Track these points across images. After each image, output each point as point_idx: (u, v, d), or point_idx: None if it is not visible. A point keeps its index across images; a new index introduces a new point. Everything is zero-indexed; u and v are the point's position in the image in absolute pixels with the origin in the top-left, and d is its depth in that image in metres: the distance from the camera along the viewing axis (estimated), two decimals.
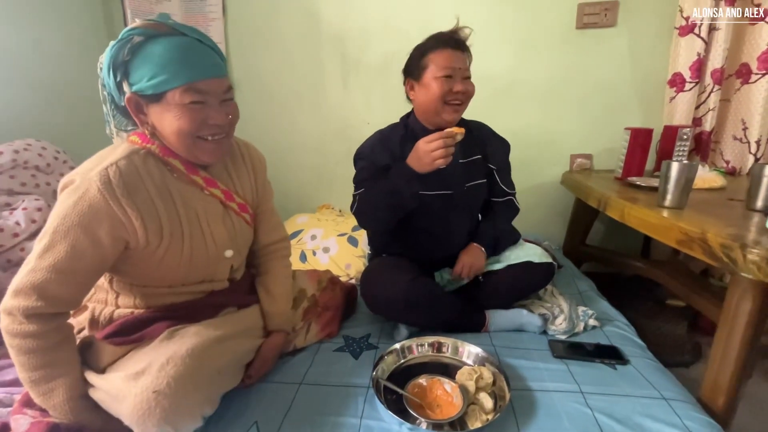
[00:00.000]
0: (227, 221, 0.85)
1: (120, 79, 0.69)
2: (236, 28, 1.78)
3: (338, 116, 1.85)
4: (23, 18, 1.43)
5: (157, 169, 0.74)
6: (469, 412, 0.78)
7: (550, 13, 1.63)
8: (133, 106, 0.71)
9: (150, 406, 0.60)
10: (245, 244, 0.92)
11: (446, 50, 1.03)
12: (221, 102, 0.73)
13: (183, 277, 0.80)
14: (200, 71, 0.69)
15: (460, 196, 1.13)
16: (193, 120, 0.69)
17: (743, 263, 0.73)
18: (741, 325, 0.83)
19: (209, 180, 0.81)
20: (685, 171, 1.00)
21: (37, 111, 1.45)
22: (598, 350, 1.00)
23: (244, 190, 0.89)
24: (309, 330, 1.02)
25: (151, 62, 0.67)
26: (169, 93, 0.68)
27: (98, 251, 0.67)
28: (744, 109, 1.50)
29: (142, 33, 0.67)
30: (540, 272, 1.12)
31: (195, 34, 0.71)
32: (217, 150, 0.76)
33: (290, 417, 0.78)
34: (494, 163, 1.18)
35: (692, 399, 0.84)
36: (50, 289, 0.64)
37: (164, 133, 0.72)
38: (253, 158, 0.93)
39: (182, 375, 0.64)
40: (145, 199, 0.70)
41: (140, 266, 0.75)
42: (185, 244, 0.76)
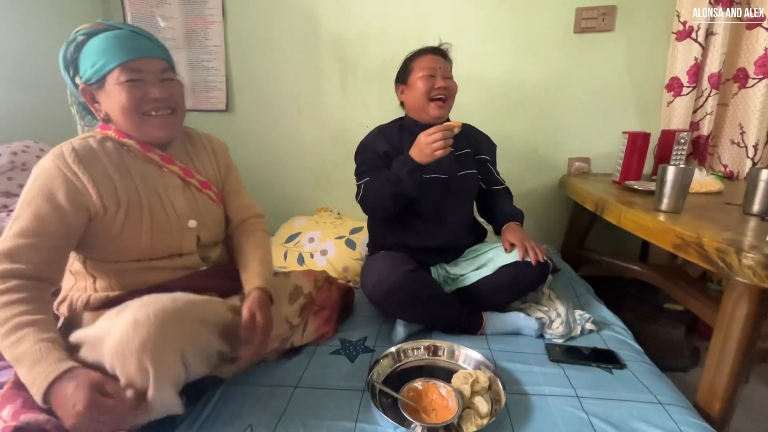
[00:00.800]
0: (188, 194, 0.89)
1: (73, 74, 0.80)
2: (235, 31, 1.79)
3: (336, 119, 1.85)
4: (23, 19, 1.43)
5: (114, 149, 0.81)
6: (464, 416, 0.77)
7: (547, 17, 1.63)
8: (87, 97, 0.80)
9: (129, 335, 0.60)
10: (213, 220, 0.93)
11: (427, 55, 1.19)
12: (160, 80, 0.81)
13: (148, 248, 0.81)
14: (134, 52, 0.78)
15: (454, 181, 1.22)
16: (132, 96, 0.77)
17: (739, 268, 0.73)
18: (737, 330, 0.82)
19: (166, 157, 0.86)
20: (682, 175, 1.00)
21: (36, 113, 1.46)
22: (595, 354, 1.00)
23: (206, 170, 0.95)
24: (306, 328, 1.02)
25: (91, 53, 0.77)
26: (109, 76, 0.77)
27: (61, 217, 0.72)
28: (741, 114, 1.51)
29: (84, 33, 0.79)
30: (533, 270, 1.10)
31: (130, 28, 0.81)
32: (165, 125, 0.82)
33: (285, 420, 0.78)
34: (486, 154, 1.31)
35: (688, 404, 0.84)
36: (20, 253, 0.68)
37: (114, 116, 0.80)
38: (213, 143, 1.00)
39: (163, 309, 0.64)
40: (99, 170, 0.77)
41: (104, 237, 0.78)
42: (144, 212, 0.80)
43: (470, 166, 1.27)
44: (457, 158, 1.23)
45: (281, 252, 1.55)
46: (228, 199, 0.99)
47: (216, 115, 1.88)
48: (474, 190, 1.29)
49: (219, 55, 1.80)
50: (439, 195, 1.20)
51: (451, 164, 1.21)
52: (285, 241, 1.60)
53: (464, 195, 1.27)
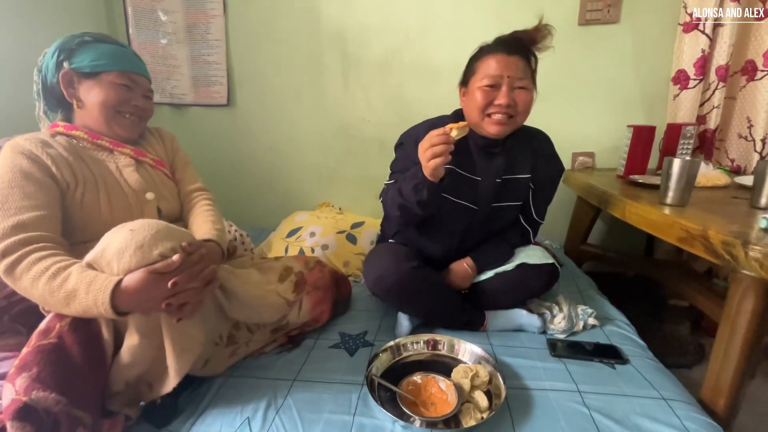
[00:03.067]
0: (141, 171, 0.93)
1: (62, 58, 0.85)
2: (237, 25, 1.78)
3: (338, 114, 1.84)
4: (25, 19, 1.43)
5: (65, 140, 0.86)
6: (464, 410, 0.76)
7: (551, 10, 1.60)
8: (65, 80, 0.86)
9: (127, 240, 0.66)
10: (170, 194, 0.98)
11: (495, 56, 0.94)
12: (143, 96, 0.93)
13: (109, 222, 0.79)
14: (134, 66, 0.91)
15: (484, 214, 1.07)
16: (119, 96, 0.88)
17: (745, 260, 0.72)
18: (743, 324, 0.81)
19: (115, 142, 0.91)
20: (687, 168, 0.99)
21: (33, 111, 1.46)
22: (598, 349, 0.98)
23: (157, 152, 1.01)
24: (301, 307, 1.02)
25: (96, 52, 0.86)
26: (105, 74, 0.86)
27: (46, 189, 0.77)
28: (749, 107, 1.48)
29: (92, 36, 0.88)
30: (541, 275, 1.08)
31: (132, 51, 0.94)
32: (132, 126, 0.92)
33: (282, 413, 0.77)
34: (535, 183, 1.09)
35: (692, 399, 0.83)
36: (26, 225, 0.72)
37: (89, 103, 0.87)
38: (161, 132, 1.07)
39: (156, 222, 0.70)
40: (53, 152, 0.81)
41: (68, 215, 0.81)
42: (100, 190, 0.84)
43: (515, 197, 1.07)
44: (503, 186, 1.04)
45: (282, 246, 1.55)
46: (177, 176, 1.04)
47: (217, 110, 1.88)
48: (506, 221, 1.11)
49: (220, 49, 1.80)
50: (462, 222, 1.06)
51: (488, 192, 1.03)
52: (286, 235, 1.60)
53: (493, 226, 1.10)
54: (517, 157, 1.06)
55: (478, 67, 0.97)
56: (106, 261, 0.67)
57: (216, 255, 0.84)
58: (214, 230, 0.90)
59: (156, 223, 0.70)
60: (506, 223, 1.13)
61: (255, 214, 1.98)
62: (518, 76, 0.94)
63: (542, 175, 1.10)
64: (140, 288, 0.65)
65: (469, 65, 1.02)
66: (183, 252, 0.70)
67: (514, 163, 1.06)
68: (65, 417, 0.63)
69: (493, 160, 1.05)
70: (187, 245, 0.71)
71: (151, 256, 0.66)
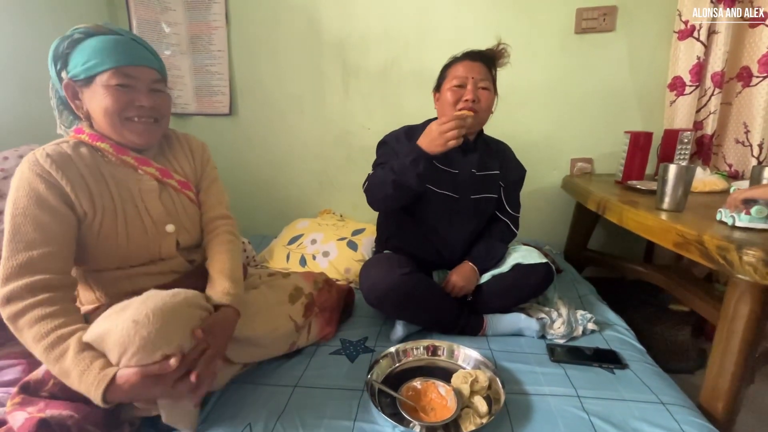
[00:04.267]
0: (165, 197, 0.87)
1: (60, 68, 0.79)
2: (239, 36, 1.81)
3: (339, 122, 1.86)
4: (31, 26, 1.47)
5: (89, 153, 0.79)
6: (463, 416, 0.77)
7: (548, 18, 1.63)
8: (70, 92, 0.79)
9: (130, 335, 0.60)
10: (192, 222, 0.91)
11: (462, 62, 1.10)
12: (150, 90, 0.81)
13: (126, 255, 0.80)
14: (129, 58, 0.78)
15: (465, 204, 1.16)
16: (118, 100, 0.77)
17: (739, 265, 0.73)
18: (739, 328, 0.81)
19: (141, 159, 0.85)
20: (683, 173, 1.00)
21: (43, 117, 1.48)
22: (597, 354, 0.99)
23: (184, 169, 0.93)
24: (310, 330, 1.02)
25: (86, 52, 0.76)
26: (98, 76, 0.76)
27: (60, 219, 0.72)
28: (746, 113, 1.49)
29: (82, 32, 0.78)
30: (536, 274, 1.11)
31: (130, 35, 0.82)
32: (146, 132, 0.82)
33: (284, 419, 0.78)
34: (504, 181, 1.23)
35: (691, 404, 0.83)
36: (37, 264, 0.68)
37: (94, 115, 0.79)
38: (191, 142, 0.99)
39: (161, 308, 0.64)
40: (74, 173, 0.75)
41: (84, 243, 0.77)
42: (119, 219, 0.79)
43: (490, 189, 1.20)
44: (478, 178, 1.17)
45: (284, 254, 1.56)
46: (202, 194, 0.96)
47: (219, 119, 1.90)
48: (487, 214, 1.23)
49: (222, 59, 1.83)
50: (445, 213, 1.16)
51: (467, 183, 1.15)
52: (287, 243, 1.61)
53: (473, 218, 1.20)
54: (487, 156, 1.20)
55: (449, 73, 1.12)
56: (107, 349, 0.63)
57: (230, 322, 0.78)
58: (232, 288, 0.81)
59: (161, 311, 0.63)
60: (486, 215, 1.23)
61: (256, 221, 2.00)
62: (481, 78, 1.08)
63: (511, 176, 1.25)
64: (133, 389, 0.61)
65: (441, 73, 1.17)
66: (196, 336, 0.67)
67: (485, 161, 1.19)
68: (78, 430, 0.65)
69: (467, 155, 1.17)
70: (200, 332, 0.68)
71: (154, 357, 0.62)
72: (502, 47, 1.11)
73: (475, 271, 1.15)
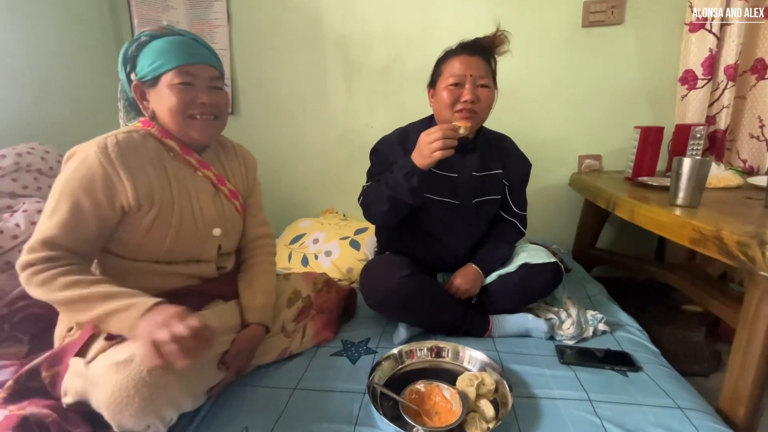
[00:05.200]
0: (217, 202, 0.90)
1: (129, 71, 0.82)
2: (240, 34, 1.80)
3: (341, 121, 1.84)
4: (31, 25, 1.46)
5: (155, 146, 0.82)
6: (469, 420, 0.73)
7: (554, 12, 1.60)
8: (138, 93, 0.82)
9: (129, 394, 0.59)
10: (234, 230, 0.95)
11: (459, 57, 1.01)
12: (209, 87, 0.83)
13: (170, 250, 0.82)
14: (190, 57, 0.81)
15: (466, 209, 1.10)
16: (181, 98, 0.79)
17: (762, 261, 0.68)
18: (761, 329, 0.77)
19: (202, 162, 0.88)
20: (698, 167, 0.96)
21: (41, 116, 1.48)
22: (608, 356, 0.95)
23: (236, 180, 0.96)
24: (304, 335, 0.99)
25: (152, 53, 0.80)
26: (163, 76, 0.79)
27: (98, 212, 0.74)
28: (761, 106, 1.45)
29: (148, 34, 0.82)
30: (544, 274, 1.07)
31: (191, 35, 0.85)
32: (206, 128, 0.84)
33: (281, 423, 0.75)
34: (508, 180, 1.15)
35: (710, 409, 0.79)
36: (59, 243, 0.70)
37: (160, 113, 0.81)
38: (245, 154, 1.02)
39: (156, 373, 0.62)
40: (138, 165, 0.77)
41: (130, 233, 0.78)
42: (174, 214, 0.81)
43: (492, 191, 1.12)
44: (479, 180, 1.09)
45: (286, 253, 1.54)
46: (248, 212, 1.00)
47: None
48: (490, 216, 1.16)
49: (224, 58, 1.81)
50: (447, 219, 1.10)
51: (467, 187, 1.09)
52: (290, 242, 1.59)
53: (476, 223, 1.14)
54: (488, 155, 1.12)
55: (444, 69, 1.03)
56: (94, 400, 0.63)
57: (258, 339, 0.87)
58: (269, 309, 0.92)
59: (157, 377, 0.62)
60: (489, 219, 1.16)
61: None
62: (480, 75, 1.00)
63: (515, 173, 1.17)
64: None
65: (435, 68, 1.07)
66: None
67: (486, 160, 1.11)
68: (57, 430, 0.64)
69: (466, 157, 1.09)
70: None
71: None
72: (501, 33, 1.02)
73: (480, 274, 1.10)
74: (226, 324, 0.85)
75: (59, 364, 0.71)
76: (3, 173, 1.10)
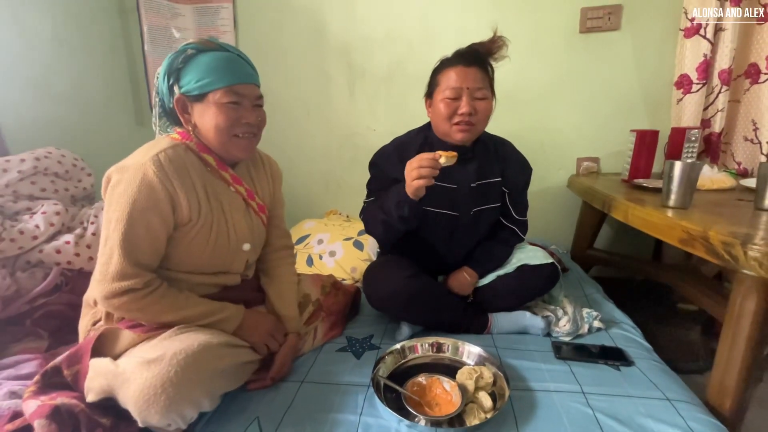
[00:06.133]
0: (247, 217, 0.93)
1: (172, 83, 0.81)
2: (246, 40, 1.85)
3: (344, 124, 1.88)
4: (49, 33, 1.51)
5: (196, 160, 0.84)
6: (468, 411, 0.77)
7: (552, 18, 1.64)
8: (180, 106, 0.82)
9: (156, 392, 0.64)
10: (260, 243, 0.99)
11: (455, 68, 1.00)
12: (253, 106, 0.85)
13: (205, 263, 0.86)
14: (239, 77, 0.81)
15: (465, 220, 1.11)
16: (229, 117, 0.80)
17: (744, 260, 0.72)
18: (746, 324, 0.81)
19: (235, 177, 0.90)
20: (688, 170, 1.00)
21: (57, 122, 1.53)
22: (603, 352, 0.99)
23: (263, 194, 0.99)
24: (315, 336, 1.04)
25: (199, 69, 0.79)
26: (211, 93, 0.79)
27: (166, 228, 0.79)
28: (754, 110, 1.48)
29: (194, 47, 0.81)
30: (542, 275, 1.10)
31: (236, 51, 0.85)
32: (248, 147, 0.87)
33: (291, 413, 0.79)
34: (508, 187, 1.15)
35: (697, 400, 0.82)
36: (147, 264, 0.77)
37: (204, 129, 0.82)
38: (273, 168, 1.05)
39: (191, 366, 0.68)
40: (188, 180, 0.81)
41: (173, 247, 0.82)
42: (213, 230, 0.84)
43: (492, 199, 1.12)
44: (477, 190, 1.09)
45: None
46: (272, 223, 1.04)
47: None
48: (490, 224, 1.16)
49: None
50: (446, 230, 1.11)
51: (466, 198, 1.08)
52: (295, 243, 1.63)
53: (475, 232, 1.14)
54: (487, 162, 1.12)
55: (440, 80, 1.02)
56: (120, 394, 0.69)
57: (296, 348, 0.96)
58: (298, 318, 1.00)
59: (184, 374, 0.67)
60: (489, 226, 1.17)
61: None
62: (477, 87, 0.99)
63: (516, 178, 1.16)
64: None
65: (432, 78, 1.07)
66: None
67: (485, 168, 1.11)
68: (86, 419, 0.68)
69: (465, 166, 1.09)
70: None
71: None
72: (499, 38, 1.00)
73: (472, 277, 1.13)
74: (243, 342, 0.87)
75: (79, 362, 0.76)
76: (22, 176, 1.15)
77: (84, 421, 0.68)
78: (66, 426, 0.66)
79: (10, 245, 1.03)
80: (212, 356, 0.73)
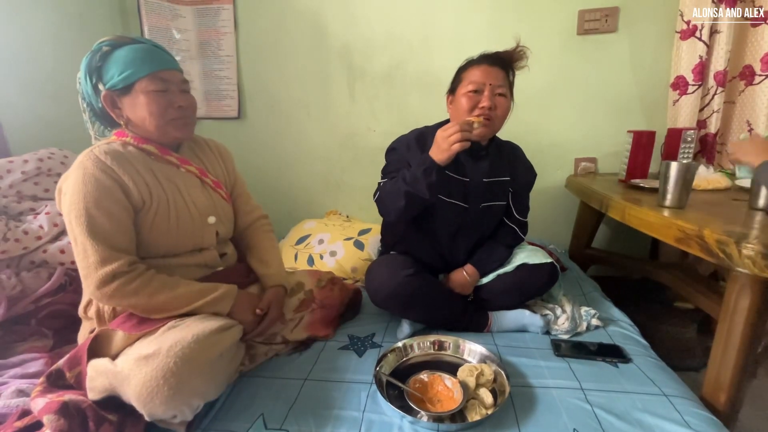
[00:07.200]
0: (205, 192, 0.96)
1: (95, 81, 0.83)
2: (247, 41, 1.85)
3: (344, 125, 1.90)
4: (51, 35, 1.52)
5: (137, 152, 0.86)
6: (469, 407, 0.79)
7: (550, 20, 1.66)
8: (108, 102, 0.84)
9: (158, 384, 0.65)
10: (226, 217, 1.01)
11: (480, 66, 1.05)
12: (180, 91, 0.87)
13: (174, 243, 0.89)
14: (160, 63, 0.84)
15: (474, 213, 1.14)
16: (160, 104, 0.83)
17: (738, 258, 0.74)
18: (740, 322, 0.83)
19: (182, 159, 0.93)
20: (684, 170, 1.01)
21: (59, 122, 1.53)
22: (601, 349, 1.00)
23: (216, 172, 1.02)
24: (298, 324, 1.04)
25: (119, 62, 0.81)
26: (137, 83, 0.81)
27: (124, 210, 0.80)
28: (749, 111, 1.50)
29: (109, 44, 0.83)
30: (541, 274, 1.12)
31: (151, 42, 0.87)
32: (185, 126, 0.89)
33: (295, 410, 0.81)
34: (514, 187, 1.20)
35: (693, 396, 0.84)
36: (125, 248, 0.79)
37: (138, 120, 0.84)
38: (220, 148, 1.07)
39: (188, 357, 0.69)
40: (130, 168, 0.83)
41: (138, 232, 0.84)
42: (171, 209, 0.87)
43: (500, 196, 1.17)
44: (488, 185, 1.14)
45: (291, 254, 1.59)
46: (237, 201, 1.07)
47: (228, 123, 1.95)
48: (495, 221, 1.21)
49: (231, 64, 1.87)
50: (455, 221, 1.14)
51: (477, 192, 1.13)
52: (295, 243, 1.64)
53: (481, 226, 1.18)
54: (498, 162, 1.17)
55: (465, 77, 1.08)
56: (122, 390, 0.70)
57: (282, 297, 1.00)
58: (284, 272, 1.04)
59: (183, 367, 0.68)
60: (494, 222, 1.21)
61: None
62: (498, 84, 1.04)
63: (521, 181, 1.22)
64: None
65: (456, 75, 1.12)
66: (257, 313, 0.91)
67: (497, 167, 1.16)
68: (93, 414, 0.69)
69: (479, 163, 1.14)
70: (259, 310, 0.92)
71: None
72: (521, 49, 1.06)
73: (473, 276, 1.15)
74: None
75: (79, 364, 0.77)
76: (26, 177, 1.16)
77: (92, 415, 0.69)
78: (74, 420, 0.67)
79: (14, 245, 1.04)
80: (208, 343, 0.74)
